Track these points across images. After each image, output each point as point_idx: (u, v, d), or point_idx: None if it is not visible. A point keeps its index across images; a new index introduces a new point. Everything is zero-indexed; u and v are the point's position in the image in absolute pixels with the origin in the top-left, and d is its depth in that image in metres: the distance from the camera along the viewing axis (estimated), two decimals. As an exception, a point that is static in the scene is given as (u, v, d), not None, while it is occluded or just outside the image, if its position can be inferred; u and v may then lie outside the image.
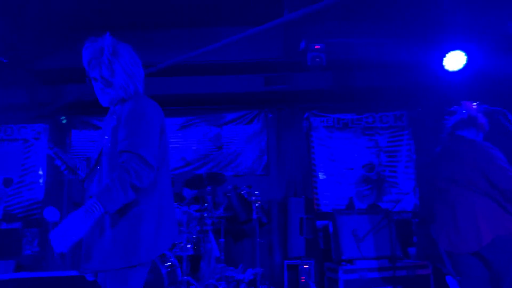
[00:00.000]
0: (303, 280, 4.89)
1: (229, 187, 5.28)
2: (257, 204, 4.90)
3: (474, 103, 3.05)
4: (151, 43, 5.18)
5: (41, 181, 6.10)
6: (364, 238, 4.65)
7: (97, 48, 1.94)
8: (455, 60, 4.82)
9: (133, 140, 1.82)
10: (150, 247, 1.84)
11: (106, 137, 1.95)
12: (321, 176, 6.05)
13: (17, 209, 5.97)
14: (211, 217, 4.93)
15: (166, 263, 4.39)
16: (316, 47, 4.64)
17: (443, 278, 3.59)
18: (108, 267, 1.75)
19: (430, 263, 4.54)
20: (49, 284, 1.43)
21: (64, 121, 6.18)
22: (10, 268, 5.01)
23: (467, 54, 4.78)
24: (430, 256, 4.58)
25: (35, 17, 4.53)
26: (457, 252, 2.84)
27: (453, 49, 4.82)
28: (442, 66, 4.87)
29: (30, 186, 6.08)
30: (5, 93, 5.53)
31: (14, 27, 4.73)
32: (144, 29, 5.15)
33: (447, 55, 4.83)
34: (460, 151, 2.91)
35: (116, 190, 1.71)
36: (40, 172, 6.11)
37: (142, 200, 1.84)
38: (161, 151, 1.96)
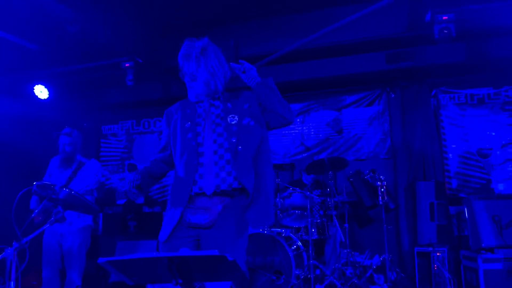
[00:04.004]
0: (436, 268, 4.61)
1: (351, 172, 5.18)
2: (382, 189, 4.75)
3: None
4: (268, 31, 5.26)
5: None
6: (508, 225, 4.23)
7: (189, 45, 2.17)
8: None
9: None
10: None
11: (247, 122, 2.21)
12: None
13: (156, 194, 6.63)
14: (334, 202, 4.90)
15: (292, 246, 4.49)
16: (444, 18, 4.24)
17: None
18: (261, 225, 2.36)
19: None
20: (190, 262, 1.55)
21: None
22: (153, 248, 5.58)
23: None
24: None
25: (165, 17, 4.92)
26: None
27: None
28: None
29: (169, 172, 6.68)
30: (142, 89, 6.15)
31: (146, 29, 5.22)
32: (262, 18, 5.25)
33: None
34: None
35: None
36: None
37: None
38: None
